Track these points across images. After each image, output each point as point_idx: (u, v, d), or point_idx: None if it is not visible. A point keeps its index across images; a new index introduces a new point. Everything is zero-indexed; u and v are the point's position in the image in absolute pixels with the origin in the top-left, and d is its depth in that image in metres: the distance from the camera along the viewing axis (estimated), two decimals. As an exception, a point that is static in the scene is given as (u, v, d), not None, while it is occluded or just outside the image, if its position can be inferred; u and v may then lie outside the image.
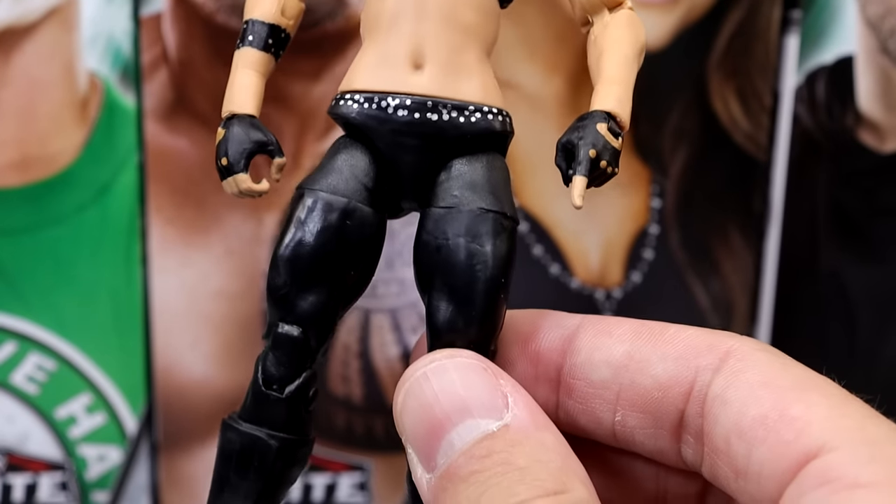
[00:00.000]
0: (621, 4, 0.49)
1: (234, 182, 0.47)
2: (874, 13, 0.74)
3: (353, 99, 0.47)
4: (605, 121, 0.46)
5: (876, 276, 0.78)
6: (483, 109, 0.46)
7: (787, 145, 0.76)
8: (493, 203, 0.45)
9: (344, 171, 0.47)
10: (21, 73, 0.72)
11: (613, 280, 0.77)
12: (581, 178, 0.45)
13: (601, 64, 0.48)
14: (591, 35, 0.49)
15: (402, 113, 0.46)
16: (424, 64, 0.46)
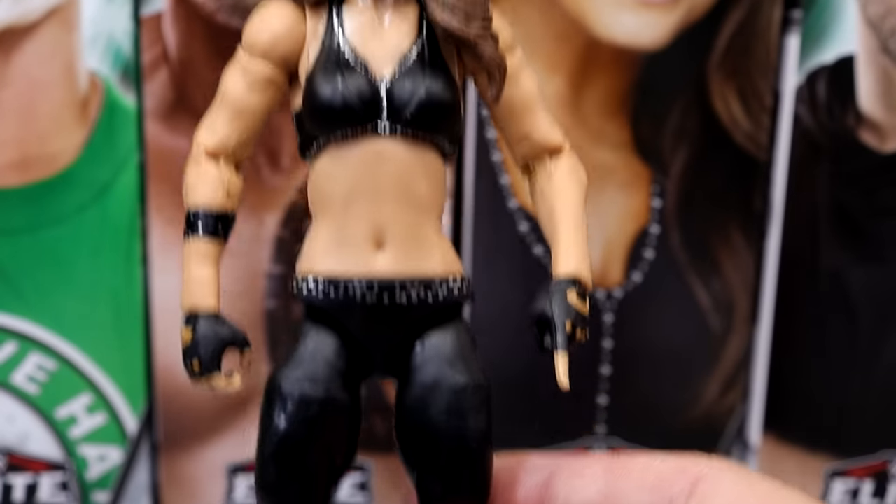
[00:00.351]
0: (560, 150, 0.50)
1: (209, 384, 0.47)
2: (875, 13, 0.74)
3: (316, 285, 0.47)
4: (572, 287, 0.47)
5: (877, 276, 0.78)
6: (448, 282, 0.47)
7: (788, 145, 0.76)
8: (469, 377, 0.46)
9: (316, 358, 0.47)
10: (21, 72, 0.72)
11: (614, 280, 0.77)
12: (563, 354, 0.46)
13: (554, 222, 0.48)
14: (537, 186, 0.50)
15: (371, 298, 0.46)
16: (386, 243, 0.47)
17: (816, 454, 0.81)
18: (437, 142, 0.47)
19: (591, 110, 0.75)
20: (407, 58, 0.47)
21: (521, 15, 0.73)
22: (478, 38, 0.46)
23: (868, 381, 0.80)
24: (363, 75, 0.46)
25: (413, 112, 0.46)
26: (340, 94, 0.46)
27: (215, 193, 0.48)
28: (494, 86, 0.48)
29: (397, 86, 0.46)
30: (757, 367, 0.80)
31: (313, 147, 0.48)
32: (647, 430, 0.81)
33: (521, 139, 0.50)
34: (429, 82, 0.46)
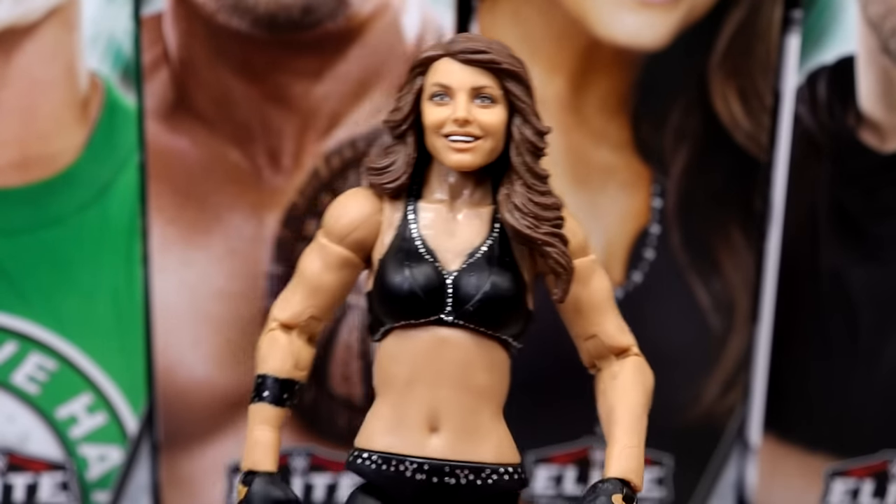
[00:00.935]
0: (628, 351, 0.52)
1: None
2: (875, 13, 0.74)
3: (370, 459, 0.49)
4: (620, 490, 0.48)
5: (877, 276, 0.78)
6: (499, 471, 0.49)
7: (789, 145, 0.76)
8: None
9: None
10: (22, 73, 0.72)
11: (614, 280, 0.77)
12: None
13: (612, 423, 0.50)
14: (601, 384, 0.52)
15: (421, 477, 0.48)
16: (440, 427, 0.48)
17: (816, 454, 0.81)
18: (500, 335, 0.49)
19: (592, 110, 0.75)
20: (476, 253, 0.49)
21: (521, 15, 0.73)
22: (545, 241, 0.49)
23: (868, 381, 0.80)
24: (431, 265, 0.48)
25: (476, 305, 0.48)
26: (409, 282, 0.48)
27: (284, 363, 0.50)
28: (561, 286, 0.50)
29: (464, 278, 0.48)
30: (757, 367, 0.80)
31: (381, 329, 0.50)
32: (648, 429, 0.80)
33: (588, 338, 0.52)
34: (494, 277, 0.48)
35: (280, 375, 0.50)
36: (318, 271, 0.51)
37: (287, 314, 0.51)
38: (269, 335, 0.51)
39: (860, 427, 0.81)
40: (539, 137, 0.50)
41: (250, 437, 0.50)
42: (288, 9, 0.72)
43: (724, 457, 0.81)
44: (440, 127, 0.49)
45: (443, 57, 0.49)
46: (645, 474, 0.81)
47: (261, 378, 0.50)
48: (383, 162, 0.50)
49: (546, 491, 0.81)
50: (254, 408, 0.50)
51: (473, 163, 0.49)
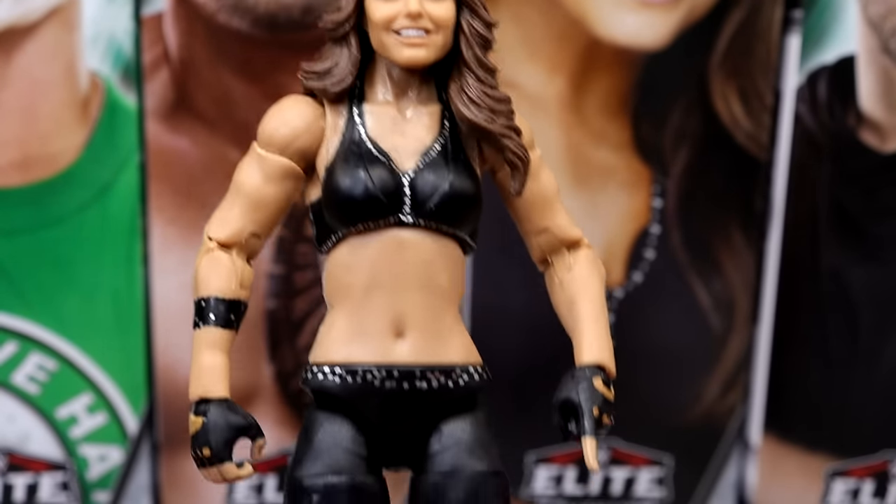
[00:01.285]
0: (579, 243, 0.51)
1: (220, 472, 0.45)
2: (876, 13, 0.74)
3: (333, 373, 0.47)
4: (598, 375, 0.48)
5: (878, 276, 0.78)
6: (469, 370, 0.47)
7: (789, 145, 0.76)
8: (489, 464, 0.46)
9: (333, 448, 0.46)
10: (22, 73, 0.72)
11: (615, 280, 0.77)
12: (591, 439, 0.46)
13: (576, 312, 0.49)
14: (555, 278, 0.51)
15: (390, 384, 0.46)
16: (406, 331, 0.47)
17: (817, 454, 0.81)
18: (459, 234, 0.48)
19: (592, 110, 0.75)
20: (430, 151, 0.47)
21: (521, 15, 0.73)
22: (502, 133, 0.47)
23: (869, 381, 0.80)
24: (386, 166, 0.47)
25: (436, 204, 0.47)
26: (363, 185, 0.46)
27: (228, 283, 0.48)
28: (518, 179, 0.49)
29: (420, 178, 0.47)
30: (757, 366, 0.80)
31: (331, 239, 0.48)
32: (648, 430, 0.81)
33: (540, 232, 0.51)
34: (452, 176, 0.47)
35: (226, 296, 0.48)
36: (258, 184, 0.48)
37: (226, 233, 0.48)
38: (208, 256, 0.48)
39: (860, 427, 0.81)
40: (488, 29, 0.48)
41: (196, 364, 0.47)
42: (288, 9, 0.72)
43: (724, 457, 0.81)
44: (390, 23, 0.47)
45: None
46: (645, 474, 0.81)
47: (203, 301, 0.48)
48: (324, 65, 0.48)
49: (546, 491, 0.81)
50: (198, 333, 0.47)
51: (427, 58, 0.47)
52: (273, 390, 0.78)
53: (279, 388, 0.78)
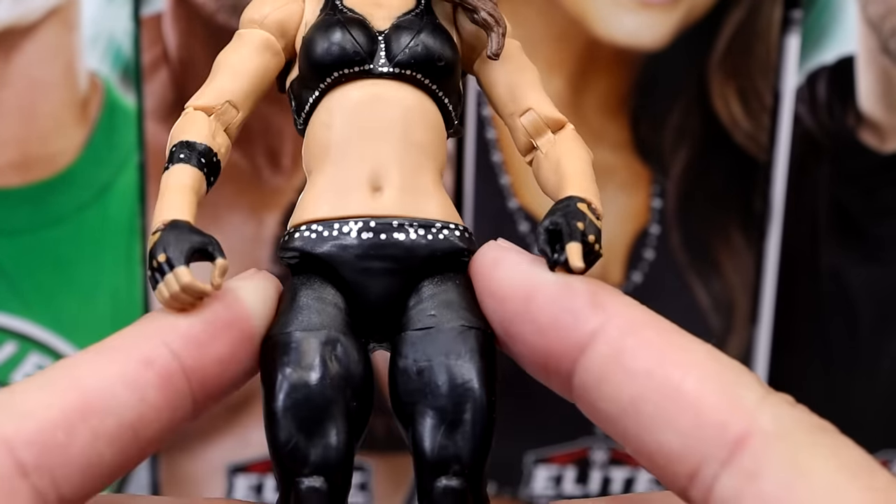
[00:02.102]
0: (564, 125, 0.49)
1: (175, 277, 0.42)
2: (875, 13, 0.74)
3: (309, 230, 0.45)
4: (582, 202, 0.44)
5: (877, 276, 0.78)
6: (450, 226, 0.45)
7: (788, 145, 0.76)
8: (471, 319, 0.43)
9: (312, 306, 0.45)
10: (22, 73, 0.72)
11: (614, 280, 0.77)
12: (577, 244, 0.42)
13: (561, 168, 0.47)
14: (539, 154, 0.48)
15: (367, 235, 0.44)
16: (384, 185, 0.45)
17: (816, 454, 0.81)
18: (437, 93, 0.47)
19: (592, 110, 0.75)
20: (404, 15, 0.47)
21: (521, 15, 0.73)
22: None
23: (868, 381, 0.80)
24: (361, 23, 0.46)
25: (409, 55, 0.46)
26: (339, 35, 0.45)
27: (200, 132, 0.45)
28: (494, 39, 0.47)
29: (394, 35, 0.46)
30: (757, 366, 0.81)
31: (309, 103, 0.46)
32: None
33: (522, 112, 0.48)
34: (424, 35, 0.46)
35: (196, 140, 0.45)
36: (236, 57, 0.47)
37: (202, 100, 0.46)
38: (183, 117, 0.46)
39: (860, 426, 0.81)
40: None
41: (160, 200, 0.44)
42: (288, 9, 0.72)
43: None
44: None
45: None
46: (645, 474, 0.81)
47: (174, 147, 0.45)
48: None
49: (546, 491, 0.81)
50: (165, 175, 0.45)
51: None
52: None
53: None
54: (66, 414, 0.39)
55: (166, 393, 0.41)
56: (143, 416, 0.41)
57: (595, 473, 0.81)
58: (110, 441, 0.40)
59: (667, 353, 0.40)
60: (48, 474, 0.38)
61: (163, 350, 0.41)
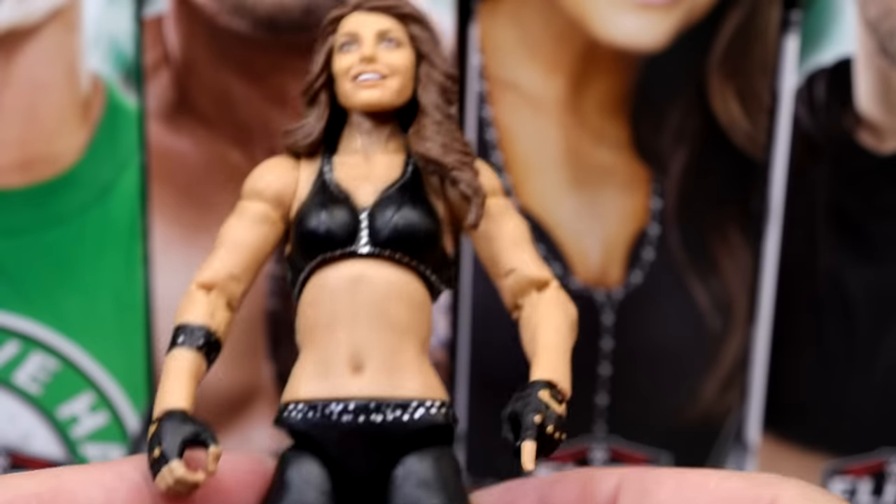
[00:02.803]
0: (548, 284, 0.50)
1: (169, 471, 0.45)
2: (873, 14, 0.74)
3: (297, 409, 0.47)
4: (546, 388, 0.46)
5: (875, 276, 0.79)
6: (426, 404, 0.47)
7: (787, 146, 0.76)
8: (445, 499, 0.46)
9: (300, 485, 0.47)
10: (24, 74, 0.72)
11: (614, 280, 0.78)
12: (530, 442, 0.45)
13: (536, 337, 0.49)
14: (524, 316, 0.50)
15: (347, 418, 0.46)
16: (364, 366, 0.47)
17: (814, 453, 0.81)
18: (419, 268, 0.49)
19: (591, 111, 0.75)
20: (389, 189, 0.49)
21: (520, 16, 0.73)
22: (454, 165, 0.49)
23: (866, 381, 0.80)
24: (346, 204, 0.49)
25: (389, 234, 0.48)
26: (324, 222, 0.48)
27: (201, 313, 0.49)
28: (474, 209, 0.49)
29: (377, 212, 0.48)
30: (755, 366, 0.81)
31: (300, 279, 0.49)
32: (647, 429, 0.81)
33: (508, 273, 0.51)
34: (405, 209, 0.48)
35: (196, 322, 0.48)
36: (236, 229, 0.50)
37: (206, 275, 0.49)
38: (186, 295, 0.50)
39: (858, 426, 0.81)
40: (447, 80, 0.51)
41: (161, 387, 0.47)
42: (288, 10, 0.72)
43: (722, 456, 0.82)
44: (349, 70, 0.50)
45: (350, 13, 0.52)
46: (644, 473, 0.82)
47: (175, 329, 0.48)
48: (299, 125, 0.52)
49: (545, 490, 0.81)
50: (167, 358, 0.47)
51: (382, 99, 0.49)
52: (273, 390, 0.78)
53: (279, 387, 0.78)
54: (40, 490, 0.44)
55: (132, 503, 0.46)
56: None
57: (594, 472, 0.81)
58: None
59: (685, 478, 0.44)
60: None
61: (136, 473, 0.46)
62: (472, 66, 0.75)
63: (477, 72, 0.74)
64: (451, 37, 0.74)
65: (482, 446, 0.80)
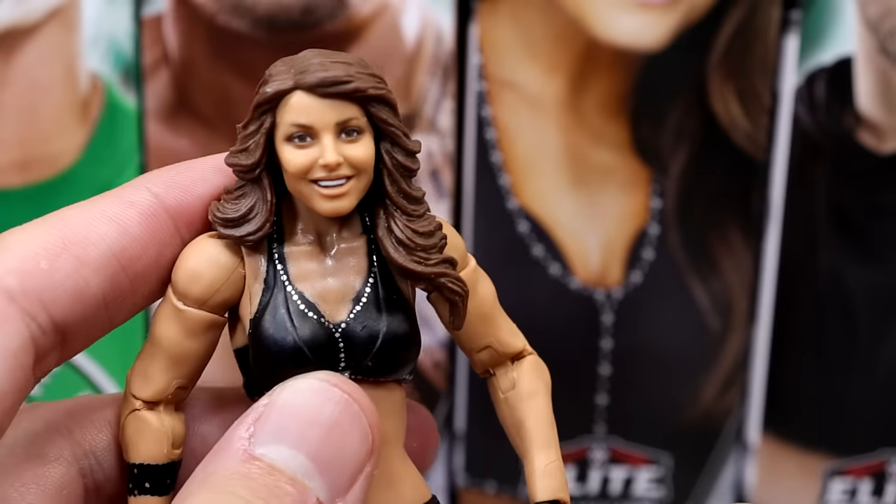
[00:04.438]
0: (522, 353, 0.48)
1: None
2: (873, 14, 0.74)
3: None
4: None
5: (875, 276, 0.79)
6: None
7: (787, 145, 0.76)
8: None
9: None
10: (23, 73, 0.72)
11: (613, 280, 0.78)
12: None
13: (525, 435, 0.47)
14: (499, 393, 0.48)
15: None
16: None
17: (815, 453, 0.81)
18: (398, 378, 0.45)
19: (591, 111, 0.75)
20: (360, 297, 0.44)
21: (520, 16, 0.73)
22: (437, 273, 0.44)
23: (866, 381, 0.80)
24: (315, 321, 0.43)
25: (374, 358, 0.43)
26: (292, 342, 0.43)
27: (160, 448, 0.45)
28: (457, 314, 0.46)
29: (354, 329, 0.43)
30: (755, 366, 0.81)
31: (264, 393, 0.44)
32: (647, 429, 0.81)
33: (480, 350, 0.48)
34: (388, 322, 0.44)
35: (159, 462, 0.44)
36: (177, 339, 0.44)
37: (150, 391, 0.45)
38: (134, 417, 0.45)
39: (858, 426, 0.81)
40: (411, 159, 0.44)
41: None
42: (288, 10, 0.72)
43: (722, 456, 0.82)
44: (306, 172, 0.42)
45: (294, 91, 0.43)
46: (644, 474, 0.82)
47: (136, 468, 0.44)
48: (237, 210, 0.44)
49: (545, 490, 0.81)
50: (136, 502, 0.45)
51: (350, 206, 0.43)
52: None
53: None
54: (47, 245, 0.41)
55: (150, 228, 0.44)
56: (127, 248, 0.43)
57: (594, 472, 0.81)
58: (96, 269, 0.42)
59: None
60: (36, 298, 0.40)
61: (145, 193, 0.44)
62: (472, 65, 0.75)
63: (476, 71, 0.74)
64: (451, 37, 0.74)
65: (481, 447, 0.80)
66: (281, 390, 0.41)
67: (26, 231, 0.42)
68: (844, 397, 0.80)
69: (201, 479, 0.39)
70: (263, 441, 0.40)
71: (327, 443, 0.40)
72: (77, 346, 0.43)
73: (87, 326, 0.42)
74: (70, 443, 0.46)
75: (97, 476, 0.46)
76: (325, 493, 0.40)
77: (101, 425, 0.47)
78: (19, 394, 0.40)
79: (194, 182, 0.44)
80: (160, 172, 0.45)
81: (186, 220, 0.44)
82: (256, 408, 0.41)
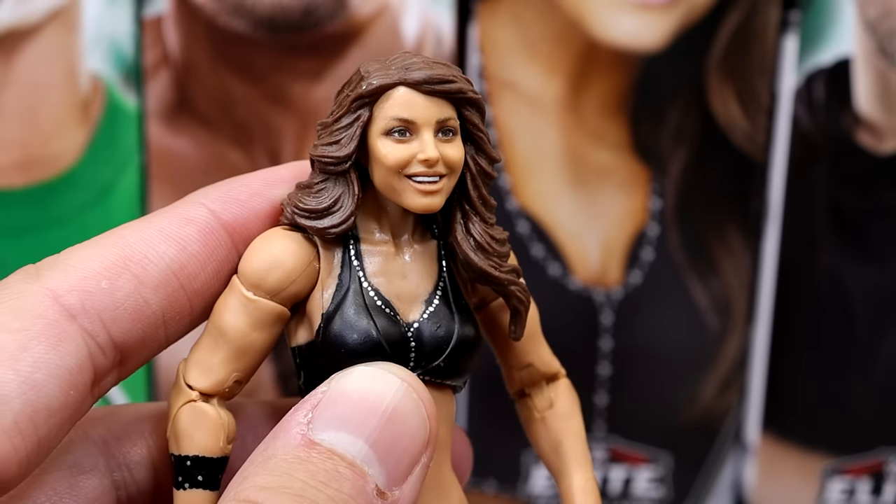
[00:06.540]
0: (557, 375, 0.49)
1: None
2: (872, 15, 0.74)
3: None
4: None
5: (874, 276, 0.79)
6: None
7: (786, 146, 0.76)
8: None
9: None
10: (24, 74, 0.72)
11: (613, 280, 0.78)
12: None
13: (563, 454, 0.48)
14: (534, 412, 0.49)
15: None
16: None
17: (814, 453, 0.81)
18: (457, 384, 0.46)
19: (591, 111, 0.75)
20: (432, 299, 0.45)
21: (520, 17, 0.73)
22: (508, 280, 0.45)
23: (865, 380, 0.80)
24: (390, 317, 0.43)
25: (446, 360, 0.44)
26: (372, 335, 0.43)
27: (216, 440, 0.44)
28: (519, 324, 0.47)
29: (427, 330, 0.44)
30: (754, 366, 0.81)
31: None
32: (646, 429, 0.81)
33: (523, 367, 0.49)
34: (459, 326, 0.44)
35: (214, 455, 0.43)
36: (245, 330, 0.44)
37: (209, 382, 0.44)
38: (190, 408, 0.44)
39: (857, 426, 0.81)
40: (492, 166, 0.46)
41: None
42: (288, 11, 0.72)
43: (721, 455, 0.82)
44: (404, 167, 0.43)
45: (398, 86, 0.43)
46: (643, 473, 0.82)
47: (190, 460, 0.43)
48: (320, 202, 0.44)
49: (545, 491, 0.81)
50: (185, 495, 0.43)
51: (440, 205, 0.44)
52: (273, 391, 0.78)
53: (279, 388, 0.78)
54: (108, 264, 0.42)
55: (208, 245, 0.44)
56: (186, 266, 0.43)
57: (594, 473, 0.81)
58: (155, 287, 0.42)
59: None
60: (96, 317, 0.41)
61: (202, 210, 0.45)
62: (472, 66, 0.75)
63: (476, 72, 0.75)
64: (451, 37, 0.74)
65: (482, 447, 0.80)
66: (340, 378, 0.41)
67: (86, 249, 0.42)
68: (843, 397, 0.80)
69: (260, 461, 0.39)
70: (322, 427, 0.40)
71: (387, 430, 0.40)
72: (133, 365, 0.43)
73: (144, 345, 0.42)
74: (105, 454, 0.46)
75: (130, 489, 0.46)
76: (384, 480, 0.40)
77: (136, 438, 0.47)
78: (72, 413, 0.39)
79: (250, 197, 0.45)
80: (214, 188, 0.45)
81: (243, 235, 0.44)
82: (314, 394, 0.41)
